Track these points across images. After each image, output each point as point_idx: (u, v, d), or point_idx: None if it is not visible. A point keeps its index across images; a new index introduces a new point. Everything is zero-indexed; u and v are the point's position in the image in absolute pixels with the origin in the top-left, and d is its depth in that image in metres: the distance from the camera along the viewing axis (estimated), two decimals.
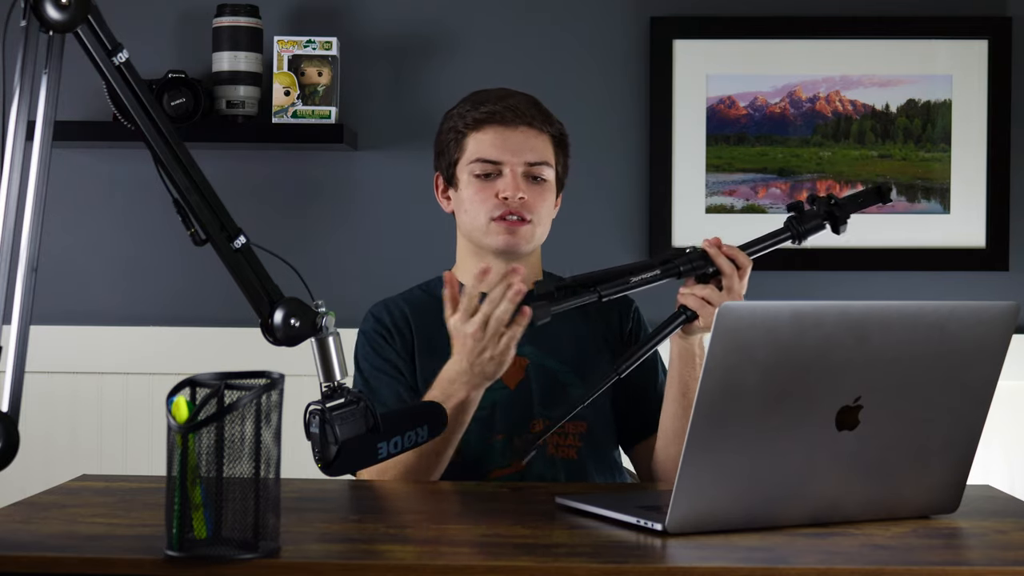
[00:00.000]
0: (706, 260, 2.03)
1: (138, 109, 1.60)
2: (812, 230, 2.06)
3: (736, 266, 2.03)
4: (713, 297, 2.02)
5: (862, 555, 1.52)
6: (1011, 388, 2.96)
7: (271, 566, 1.43)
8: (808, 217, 2.05)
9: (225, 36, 2.95)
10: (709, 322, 2.02)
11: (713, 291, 2.02)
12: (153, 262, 3.08)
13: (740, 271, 2.03)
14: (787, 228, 2.06)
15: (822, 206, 2.05)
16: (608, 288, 2.02)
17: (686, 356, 2.10)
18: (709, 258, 2.03)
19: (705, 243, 2.04)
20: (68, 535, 1.58)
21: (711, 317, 2.00)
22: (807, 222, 2.05)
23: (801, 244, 2.07)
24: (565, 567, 1.43)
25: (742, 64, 3.06)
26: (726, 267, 2.02)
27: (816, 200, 2.06)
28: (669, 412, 2.15)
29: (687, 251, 2.04)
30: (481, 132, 2.19)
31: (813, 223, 2.05)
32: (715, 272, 2.03)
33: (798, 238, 2.06)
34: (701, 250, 2.04)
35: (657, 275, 2.02)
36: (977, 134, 3.06)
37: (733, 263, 2.03)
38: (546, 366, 2.20)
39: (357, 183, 3.08)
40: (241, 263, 1.65)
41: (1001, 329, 1.65)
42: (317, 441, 1.66)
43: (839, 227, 2.05)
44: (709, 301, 2.02)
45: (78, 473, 2.09)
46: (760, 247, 2.07)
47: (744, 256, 2.04)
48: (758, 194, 3.06)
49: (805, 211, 2.06)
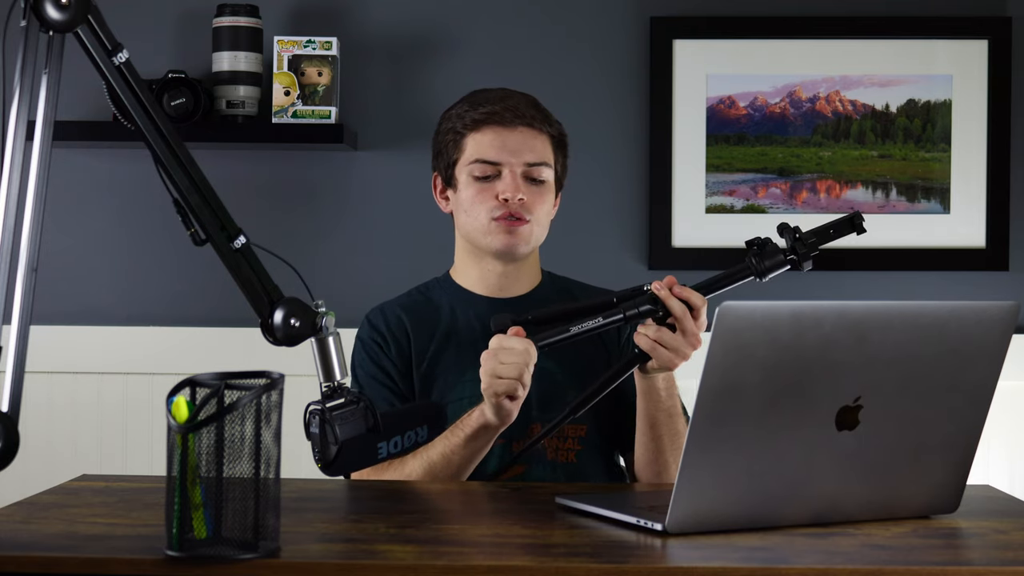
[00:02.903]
0: (655, 304, 1.98)
1: (138, 109, 1.61)
2: (773, 267, 1.99)
3: (689, 307, 1.97)
4: (665, 339, 1.97)
5: (862, 555, 1.52)
6: (1011, 388, 2.96)
7: (271, 566, 1.43)
8: (769, 253, 1.98)
9: (225, 36, 2.96)
10: (663, 362, 1.99)
11: (666, 333, 1.97)
12: (153, 262, 3.08)
13: (694, 311, 1.97)
14: (747, 265, 1.99)
15: (788, 239, 1.98)
16: (544, 337, 1.98)
17: (651, 393, 2.07)
18: (659, 301, 1.98)
19: (655, 285, 1.98)
20: (68, 535, 1.58)
21: (665, 359, 1.99)
22: (768, 258, 1.98)
23: (764, 281, 2.00)
24: (565, 567, 1.43)
25: (742, 64, 3.06)
26: (677, 309, 1.97)
27: (784, 231, 1.98)
28: (640, 442, 2.13)
29: (643, 289, 1.99)
30: (480, 133, 2.18)
31: (775, 260, 1.98)
32: (667, 314, 1.98)
33: (759, 275, 1.99)
34: (652, 293, 1.98)
35: (600, 323, 1.98)
36: (977, 134, 3.06)
37: (687, 304, 1.98)
38: (544, 369, 2.19)
39: (357, 183, 3.08)
40: (241, 263, 1.65)
41: (1001, 329, 1.65)
42: (317, 441, 1.66)
43: (802, 264, 1.98)
44: (661, 343, 1.98)
45: (78, 473, 2.09)
46: (717, 285, 2.02)
47: (698, 296, 1.98)
48: (758, 194, 3.06)
49: (767, 246, 1.99)
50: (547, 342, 1.98)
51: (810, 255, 1.98)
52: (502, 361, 1.96)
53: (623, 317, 1.99)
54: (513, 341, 1.97)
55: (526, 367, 1.96)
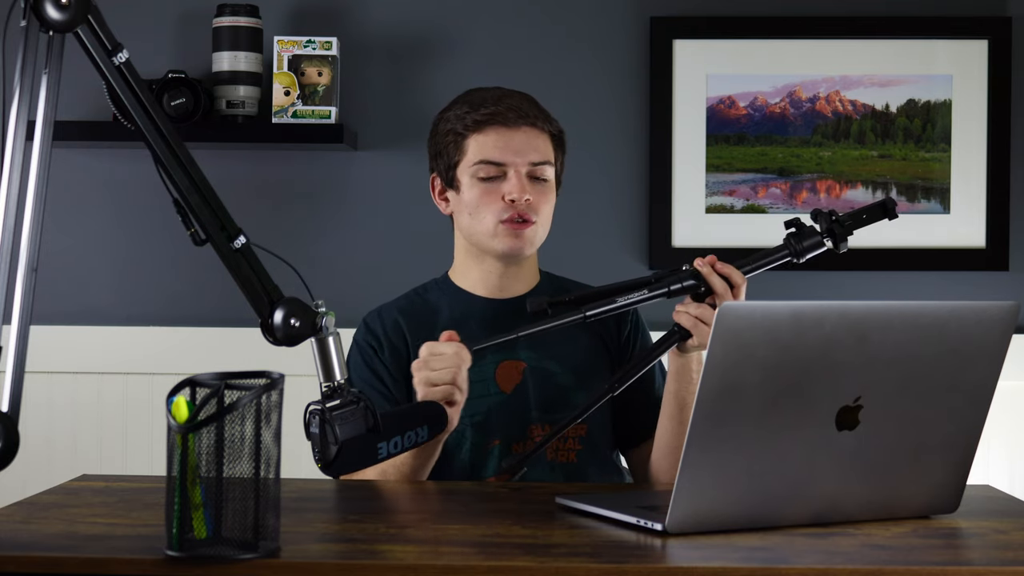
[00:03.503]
0: (698, 279, 2.02)
1: (138, 109, 1.61)
2: (811, 248, 2.03)
3: (730, 284, 2.01)
4: (707, 316, 2.01)
5: (862, 555, 1.52)
6: (1011, 388, 2.97)
7: (271, 566, 1.43)
8: (808, 234, 2.03)
9: (225, 36, 2.96)
10: (704, 340, 2.01)
11: (707, 310, 2.01)
12: (153, 262, 3.08)
13: (735, 289, 2.01)
14: (785, 245, 2.04)
15: (823, 222, 2.03)
16: (594, 307, 2.01)
17: (683, 373, 2.09)
18: (702, 277, 2.01)
19: (698, 262, 2.02)
20: (68, 535, 1.58)
21: (705, 336, 2.00)
22: (806, 239, 2.03)
23: (801, 262, 2.05)
24: (565, 567, 1.43)
25: (742, 64, 3.06)
26: (719, 286, 2.01)
27: (818, 215, 2.03)
28: (665, 427, 2.14)
29: (683, 269, 2.03)
30: (483, 134, 2.17)
31: (813, 240, 2.03)
32: (709, 291, 2.02)
33: (797, 256, 2.04)
34: (694, 269, 2.02)
35: (645, 295, 2.01)
36: (977, 134, 3.06)
37: (727, 281, 2.01)
38: (545, 369, 2.19)
39: (357, 183, 3.08)
40: (241, 263, 1.65)
41: (1001, 329, 1.65)
42: (317, 441, 1.66)
43: (839, 244, 2.02)
44: (703, 320, 2.01)
45: (78, 473, 2.09)
46: (756, 265, 2.06)
47: (739, 274, 2.02)
48: (758, 194, 3.06)
49: (804, 228, 2.04)
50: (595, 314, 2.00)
51: (846, 236, 2.02)
52: (433, 368, 1.95)
53: (667, 291, 2.02)
54: (443, 347, 1.97)
55: (459, 370, 1.95)
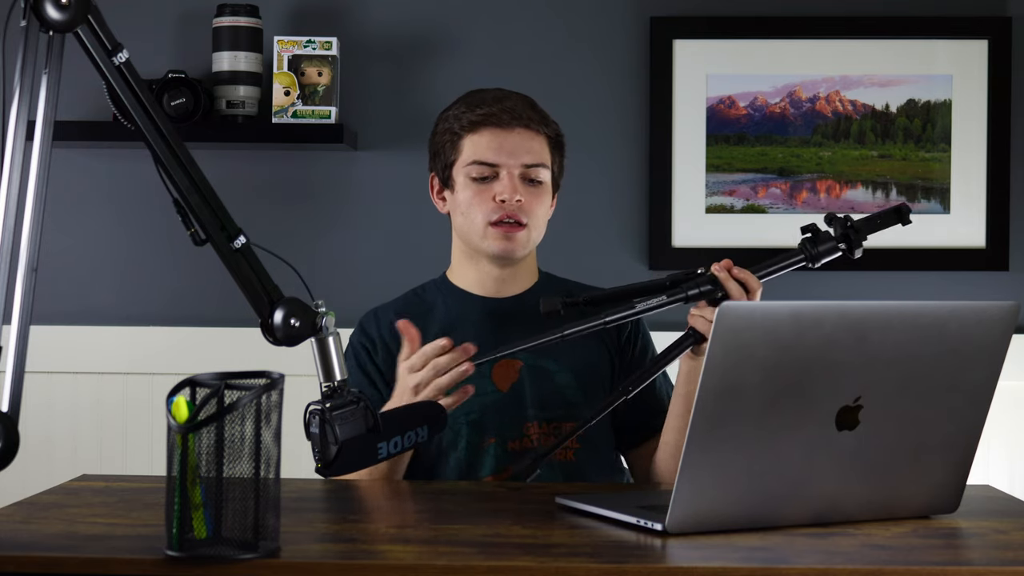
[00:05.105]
0: (715, 284, 2.02)
1: (138, 109, 1.61)
2: (827, 253, 2.03)
3: (746, 289, 2.01)
4: None
5: (862, 555, 1.52)
6: (1011, 388, 2.96)
7: (271, 566, 1.43)
8: (823, 239, 2.03)
9: (225, 36, 2.95)
10: None
11: None
12: (153, 262, 3.08)
13: (750, 294, 2.02)
14: (801, 250, 2.04)
15: (838, 227, 2.02)
16: (613, 314, 2.01)
17: (695, 375, 2.07)
18: (719, 282, 2.01)
19: (715, 267, 2.02)
20: (68, 535, 1.58)
21: None
22: (821, 244, 2.03)
23: (816, 267, 2.05)
24: (565, 567, 1.43)
25: (742, 64, 3.06)
26: (735, 291, 2.01)
27: (833, 220, 2.03)
28: (672, 426, 2.14)
29: (698, 273, 2.03)
30: (477, 134, 2.18)
31: (828, 245, 2.03)
32: (725, 296, 2.01)
33: (812, 260, 2.04)
34: (711, 274, 2.02)
35: (664, 301, 2.01)
36: (977, 134, 3.06)
37: (743, 287, 2.02)
38: (543, 368, 2.19)
39: (357, 183, 3.08)
40: (241, 263, 1.65)
41: (1001, 329, 1.65)
42: (317, 441, 1.66)
43: (855, 250, 2.03)
44: None
45: (78, 473, 2.09)
46: (772, 270, 2.05)
47: (755, 279, 2.02)
48: (758, 194, 3.06)
49: (820, 233, 2.03)
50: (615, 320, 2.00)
51: (860, 242, 2.03)
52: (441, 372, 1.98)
53: (685, 296, 2.02)
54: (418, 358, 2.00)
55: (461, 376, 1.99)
